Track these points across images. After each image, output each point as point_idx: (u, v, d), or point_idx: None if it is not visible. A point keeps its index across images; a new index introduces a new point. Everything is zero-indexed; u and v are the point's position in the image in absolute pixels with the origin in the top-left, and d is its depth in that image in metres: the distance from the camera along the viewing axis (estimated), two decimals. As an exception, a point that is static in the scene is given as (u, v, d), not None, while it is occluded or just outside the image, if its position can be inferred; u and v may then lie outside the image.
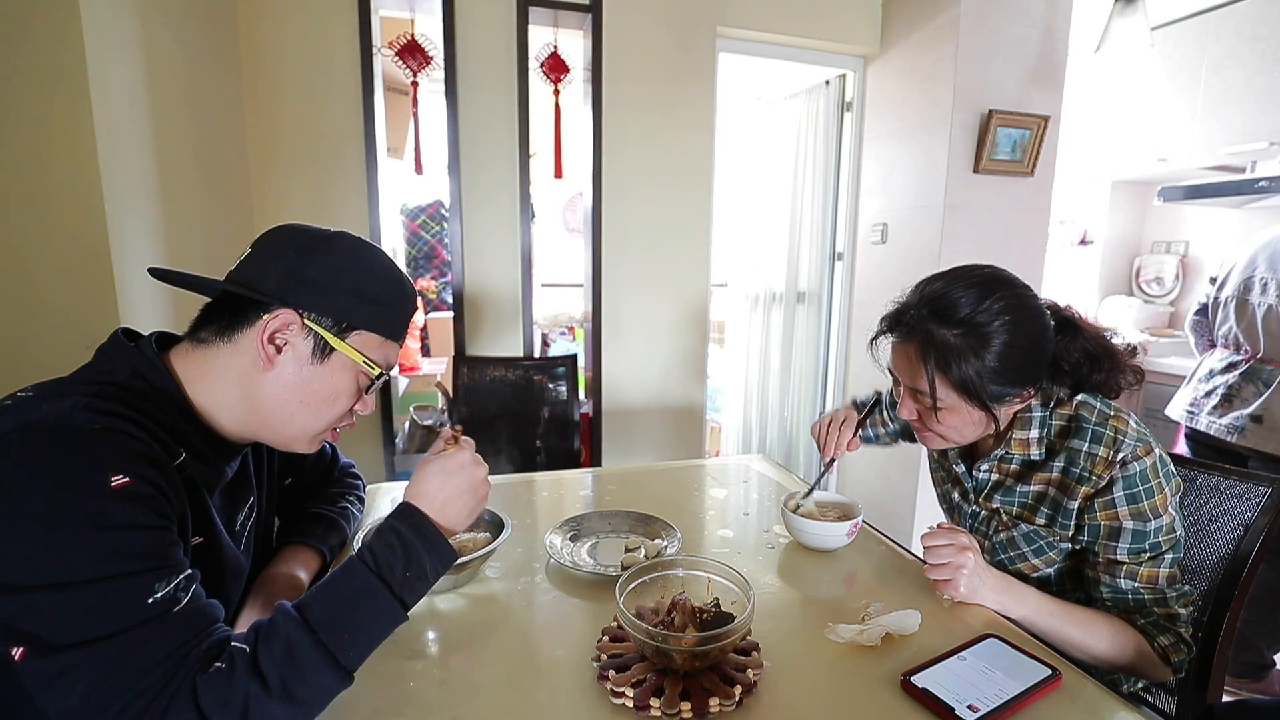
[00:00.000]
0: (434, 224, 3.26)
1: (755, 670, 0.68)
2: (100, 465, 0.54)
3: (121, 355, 0.66)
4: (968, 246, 2.28)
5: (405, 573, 0.62)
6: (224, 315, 0.69)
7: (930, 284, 0.89)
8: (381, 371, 0.73)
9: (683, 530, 1.02)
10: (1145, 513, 0.82)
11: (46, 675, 0.50)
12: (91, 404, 0.58)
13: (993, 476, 0.96)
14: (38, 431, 0.54)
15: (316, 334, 0.68)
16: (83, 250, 1.14)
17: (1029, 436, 0.90)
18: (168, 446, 0.62)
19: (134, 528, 0.54)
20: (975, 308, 0.83)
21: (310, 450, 0.76)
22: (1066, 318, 0.91)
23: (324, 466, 1.01)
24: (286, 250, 0.69)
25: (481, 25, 2.06)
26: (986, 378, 0.83)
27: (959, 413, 0.87)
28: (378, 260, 0.73)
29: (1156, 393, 2.69)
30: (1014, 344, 0.83)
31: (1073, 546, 0.90)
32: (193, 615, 0.55)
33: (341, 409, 0.73)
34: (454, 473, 0.69)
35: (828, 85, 2.70)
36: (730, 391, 3.35)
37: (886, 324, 0.92)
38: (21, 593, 0.50)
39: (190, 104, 1.55)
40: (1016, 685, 0.67)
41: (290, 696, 0.54)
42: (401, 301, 0.74)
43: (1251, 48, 2.42)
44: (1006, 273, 0.88)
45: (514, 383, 1.99)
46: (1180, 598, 0.84)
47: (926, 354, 0.85)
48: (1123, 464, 0.83)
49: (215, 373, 0.68)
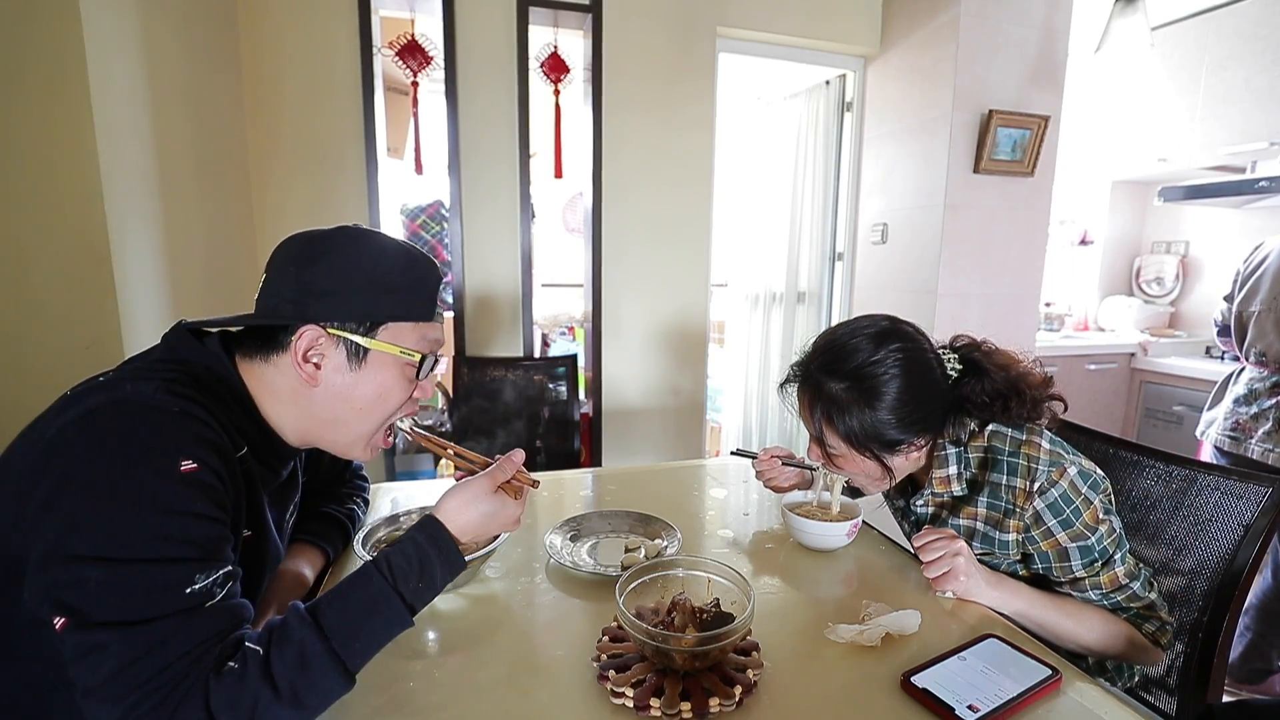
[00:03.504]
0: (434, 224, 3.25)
1: (755, 670, 0.68)
2: (173, 448, 0.57)
3: (192, 349, 0.68)
4: (968, 246, 2.28)
5: (418, 583, 0.63)
6: (257, 341, 0.70)
7: (828, 335, 0.93)
8: (424, 355, 0.72)
9: (683, 530, 1.02)
10: (1082, 532, 0.84)
11: (80, 649, 0.51)
12: (172, 387, 0.61)
13: (929, 510, 0.99)
14: (122, 409, 0.57)
15: (346, 340, 0.68)
16: (83, 251, 1.14)
17: (948, 474, 0.93)
18: (233, 438, 0.64)
19: (192, 515, 0.56)
20: (865, 360, 0.86)
21: (366, 458, 0.77)
22: (973, 360, 0.92)
23: (339, 467, 1.03)
24: (289, 266, 0.69)
25: (481, 25, 2.06)
26: (873, 429, 0.86)
27: (852, 461, 0.90)
28: (381, 248, 0.71)
29: (1156, 393, 2.69)
30: (901, 397, 0.85)
31: (1023, 568, 0.92)
32: (222, 613, 0.56)
33: (396, 402, 0.73)
34: (499, 523, 0.71)
35: (828, 85, 2.70)
36: (730, 391, 3.35)
37: (791, 373, 0.95)
38: (76, 562, 0.52)
39: (190, 104, 1.55)
40: (1016, 685, 0.67)
41: (298, 701, 0.54)
42: (418, 281, 0.72)
43: (1252, 47, 2.42)
44: (903, 324, 0.91)
45: (514, 383, 1.99)
46: (1145, 583, 0.87)
47: (815, 404, 0.89)
48: (1040, 493, 0.85)
49: (270, 389, 0.70)
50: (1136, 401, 2.77)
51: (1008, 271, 2.35)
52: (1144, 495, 1.01)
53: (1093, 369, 2.70)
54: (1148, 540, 1.00)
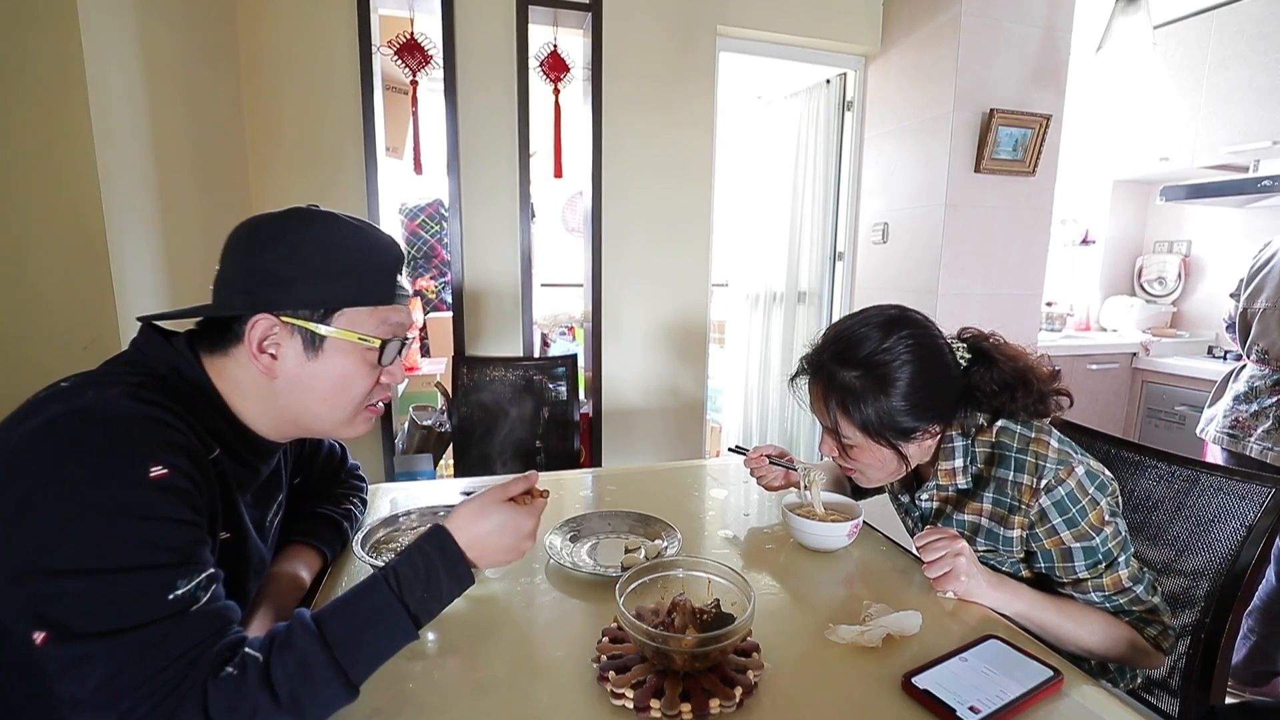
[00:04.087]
0: (433, 224, 3.25)
1: (756, 671, 0.68)
2: (141, 455, 0.55)
3: (159, 350, 0.66)
4: (968, 246, 2.27)
5: (424, 594, 0.62)
6: (213, 333, 0.68)
7: (837, 325, 0.93)
8: (385, 341, 0.70)
9: (683, 531, 1.02)
10: (1087, 532, 0.84)
11: (64, 662, 0.50)
12: (136, 393, 0.59)
13: (934, 504, 0.99)
14: (85, 417, 0.55)
15: (301, 329, 0.66)
16: (81, 251, 1.13)
17: (954, 466, 0.92)
18: (204, 441, 0.63)
19: (167, 520, 0.55)
20: (876, 348, 0.86)
21: (356, 434, 0.74)
22: (982, 349, 0.92)
23: (333, 467, 1.01)
24: (237, 253, 0.67)
25: (481, 24, 2.05)
26: (888, 417, 0.86)
27: (868, 451, 0.90)
28: (334, 230, 0.68)
29: (1158, 393, 2.69)
30: (914, 383, 0.85)
31: (1026, 568, 0.92)
32: (210, 616, 0.55)
33: (361, 390, 0.71)
34: (511, 534, 0.69)
35: (828, 84, 2.70)
36: (730, 391, 3.35)
37: (801, 366, 0.95)
38: (52, 576, 0.50)
39: (189, 103, 1.55)
40: (1018, 686, 0.66)
41: (298, 709, 0.54)
42: (373, 264, 0.69)
43: (1254, 46, 2.42)
44: (911, 312, 0.91)
45: (514, 383, 1.98)
46: (1148, 587, 0.86)
47: (829, 395, 0.89)
48: (1047, 490, 0.84)
49: (235, 382, 0.68)
50: (1138, 401, 2.76)
51: (1009, 271, 2.34)
52: (1146, 496, 1.01)
53: (1094, 369, 2.70)
54: (1150, 541, 1.00)
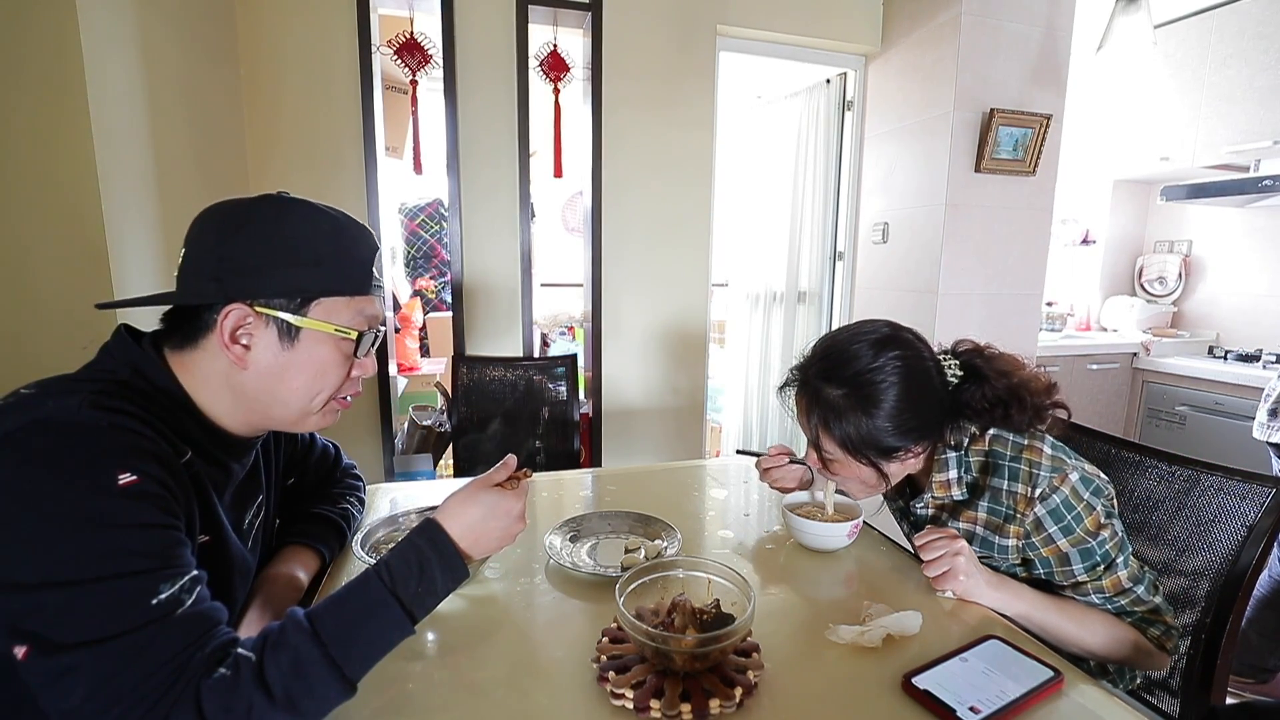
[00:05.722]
0: (433, 223, 3.25)
1: (756, 671, 0.68)
2: (108, 463, 0.54)
3: (123, 353, 0.64)
4: (969, 246, 2.27)
5: (418, 588, 0.61)
6: (182, 323, 0.66)
7: (827, 339, 0.92)
8: (361, 333, 0.69)
9: (683, 531, 1.02)
10: (1083, 538, 0.84)
11: (49, 675, 0.49)
12: (97, 400, 0.57)
13: (929, 512, 0.99)
14: (45, 428, 0.54)
15: (275, 319, 0.65)
16: (80, 249, 1.13)
17: (948, 478, 0.92)
18: (174, 444, 0.61)
19: (141, 526, 0.54)
20: (863, 368, 0.85)
21: (321, 426, 0.73)
22: (974, 366, 0.91)
23: (327, 467, 1.00)
24: (207, 239, 0.64)
25: (481, 23, 2.05)
26: (869, 435, 0.85)
27: (847, 467, 0.90)
28: (307, 217, 0.66)
29: (1159, 393, 2.69)
30: (899, 404, 0.85)
31: (1024, 571, 0.92)
32: (197, 617, 0.54)
33: (334, 381, 0.69)
34: (500, 516, 0.69)
35: (828, 84, 2.70)
36: (730, 391, 3.35)
37: (789, 377, 0.95)
38: (27, 591, 0.49)
39: (188, 102, 1.55)
40: (1018, 687, 0.66)
41: (294, 708, 0.53)
42: (348, 254, 0.68)
43: (1255, 45, 2.41)
44: (903, 331, 0.91)
45: (514, 383, 1.98)
46: (1149, 587, 0.86)
47: (813, 410, 0.89)
48: (1042, 498, 0.84)
49: (202, 377, 0.66)
50: (1139, 402, 2.76)
51: (1009, 271, 2.34)
52: (1146, 496, 1.01)
53: (1094, 369, 2.70)
54: (1150, 541, 1.00)
